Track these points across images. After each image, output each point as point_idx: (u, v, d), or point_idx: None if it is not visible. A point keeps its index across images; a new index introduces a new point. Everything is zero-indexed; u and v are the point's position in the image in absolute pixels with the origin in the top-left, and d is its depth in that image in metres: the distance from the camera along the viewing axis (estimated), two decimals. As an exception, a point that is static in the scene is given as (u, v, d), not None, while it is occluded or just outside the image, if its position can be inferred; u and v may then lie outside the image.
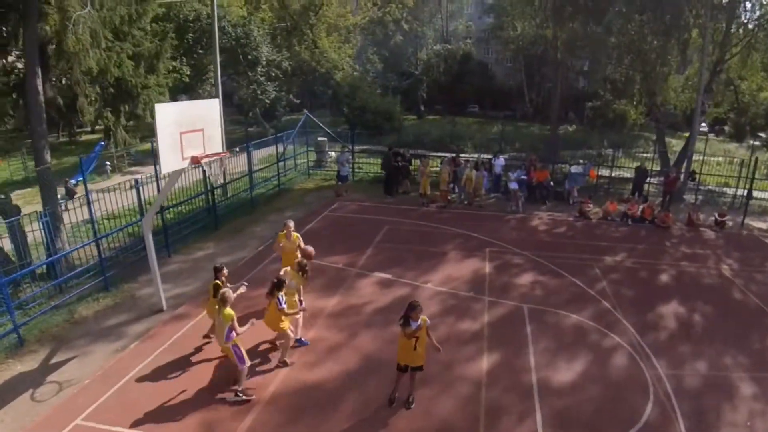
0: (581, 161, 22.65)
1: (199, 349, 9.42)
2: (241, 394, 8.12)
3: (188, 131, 9.20)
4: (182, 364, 9.01)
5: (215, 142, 9.91)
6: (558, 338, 10.19)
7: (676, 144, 31.83)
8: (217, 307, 8.06)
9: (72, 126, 33.93)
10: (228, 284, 8.97)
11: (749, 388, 8.82)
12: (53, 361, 9.23)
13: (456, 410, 8.05)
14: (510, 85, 60.12)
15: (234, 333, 7.92)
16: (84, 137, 37.34)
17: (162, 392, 8.25)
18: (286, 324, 8.86)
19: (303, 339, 9.71)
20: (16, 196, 19.80)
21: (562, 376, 8.99)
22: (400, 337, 7.74)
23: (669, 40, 21.97)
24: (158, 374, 8.71)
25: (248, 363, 8.18)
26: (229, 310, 7.88)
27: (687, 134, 26.67)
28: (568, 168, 21.42)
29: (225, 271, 9.23)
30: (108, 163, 25.49)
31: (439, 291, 12.00)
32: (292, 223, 10.76)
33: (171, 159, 8.91)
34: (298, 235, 10.83)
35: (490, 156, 22.26)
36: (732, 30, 23.24)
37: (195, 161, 9.38)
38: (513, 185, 19.31)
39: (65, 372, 8.87)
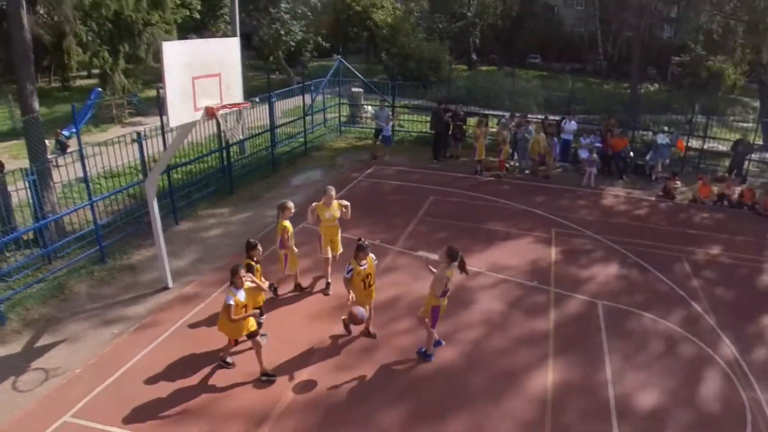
0: (666, 128, 21.54)
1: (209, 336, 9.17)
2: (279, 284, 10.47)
3: (202, 76, 8.80)
4: (189, 353, 8.82)
5: (234, 91, 9.53)
6: (640, 346, 9.67)
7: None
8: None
9: (65, 70, 33.84)
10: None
11: None
12: (39, 344, 9.13)
13: None
14: (580, 33, 58.57)
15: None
16: (79, 82, 37.47)
17: (163, 387, 8.09)
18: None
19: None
20: (1, 149, 19.98)
21: (645, 395, 8.48)
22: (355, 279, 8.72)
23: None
24: (161, 365, 8.52)
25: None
26: (285, 221, 9.86)
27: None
28: (651, 136, 20.43)
29: (259, 248, 9.05)
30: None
31: (494, 278, 11.61)
32: (333, 191, 10.59)
33: (181, 110, 8.52)
34: (342, 204, 10.63)
35: (557, 117, 21.39)
36: None
37: (210, 113, 9.01)
38: (584, 154, 18.70)
39: (53, 358, 8.76)
